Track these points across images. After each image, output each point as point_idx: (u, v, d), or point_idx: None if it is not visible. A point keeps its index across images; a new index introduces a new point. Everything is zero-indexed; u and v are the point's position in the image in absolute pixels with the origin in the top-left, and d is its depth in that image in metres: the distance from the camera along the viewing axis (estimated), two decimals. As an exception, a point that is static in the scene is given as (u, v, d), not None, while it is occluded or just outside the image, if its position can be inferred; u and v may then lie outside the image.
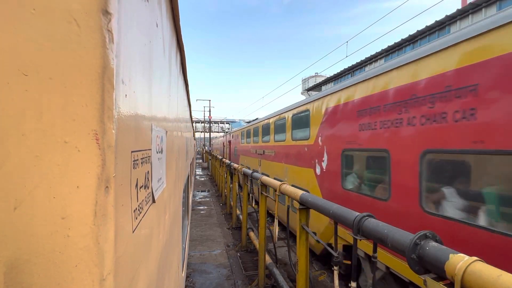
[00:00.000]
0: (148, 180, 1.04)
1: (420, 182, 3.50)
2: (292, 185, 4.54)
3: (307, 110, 7.09)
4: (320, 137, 6.28)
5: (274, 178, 6.53)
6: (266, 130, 11.15)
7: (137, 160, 0.86)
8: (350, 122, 5.14)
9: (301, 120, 7.59)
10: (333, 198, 5.51)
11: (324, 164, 6.06)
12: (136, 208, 0.84)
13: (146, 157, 1.00)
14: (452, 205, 3.16)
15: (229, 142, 23.13)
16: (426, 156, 3.44)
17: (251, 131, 14.16)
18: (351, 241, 4.64)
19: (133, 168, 0.80)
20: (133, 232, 0.80)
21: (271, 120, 10.44)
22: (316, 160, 6.41)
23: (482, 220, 2.87)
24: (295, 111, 8.05)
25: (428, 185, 3.43)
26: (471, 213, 3.02)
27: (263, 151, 11.40)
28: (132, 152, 0.78)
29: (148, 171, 1.04)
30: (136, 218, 0.84)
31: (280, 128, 9.39)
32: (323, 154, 6.08)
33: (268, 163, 10.79)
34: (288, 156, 8.44)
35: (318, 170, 6.35)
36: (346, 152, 5.28)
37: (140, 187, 0.91)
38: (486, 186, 2.89)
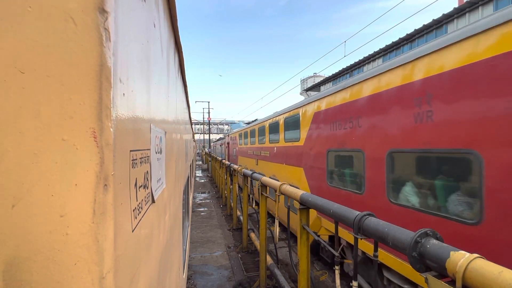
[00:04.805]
0: (147, 180, 1.04)
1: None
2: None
3: None
4: None
5: None
6: None
7: (136, 159, 0.86)
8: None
9: None
10: None
11: None
12: (135, 208, 0.84)
13: (145, 157, 1.00)
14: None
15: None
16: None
17: None
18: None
19: (132, 167, 0.80)
20: (132, 231, 0.80)
21: None
22: None
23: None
24: None
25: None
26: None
27: None
28: (130, 151, 0.78)
29: (147, 171, 1.04)
30: (136, 218, 0.84)
31: None
32: None
33: None
34: None
35: None
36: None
37: (140, 187, 0.90)
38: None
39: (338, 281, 2.81)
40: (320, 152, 6.33)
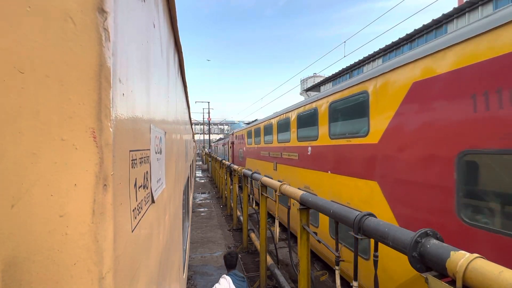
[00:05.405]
0: (147, 180, 1.04)
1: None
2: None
3: None
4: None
5: None
6: None
7: (136, 159, 0.86)
8: None
9: None
10: None
11: None
12: (135, 208, 0.84)
13: (144, 157, 1.00)
14: None
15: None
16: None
17: None
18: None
19: (132, 167, 0.80)
20: (132, 231, 0.80)
21: None
22: None
23: None
24: None
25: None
26: None
27: None
28: (130, 151, 0.78)
29: (147, 171, 1.04)
30: (135, 218, 0.84)
31: None
32: None
33: None
34: None
35: None
36: None
37: (139, 187, 0.90)
38: None
39: (338, 281, 2.80)
40: (435, 155, 3.32)
